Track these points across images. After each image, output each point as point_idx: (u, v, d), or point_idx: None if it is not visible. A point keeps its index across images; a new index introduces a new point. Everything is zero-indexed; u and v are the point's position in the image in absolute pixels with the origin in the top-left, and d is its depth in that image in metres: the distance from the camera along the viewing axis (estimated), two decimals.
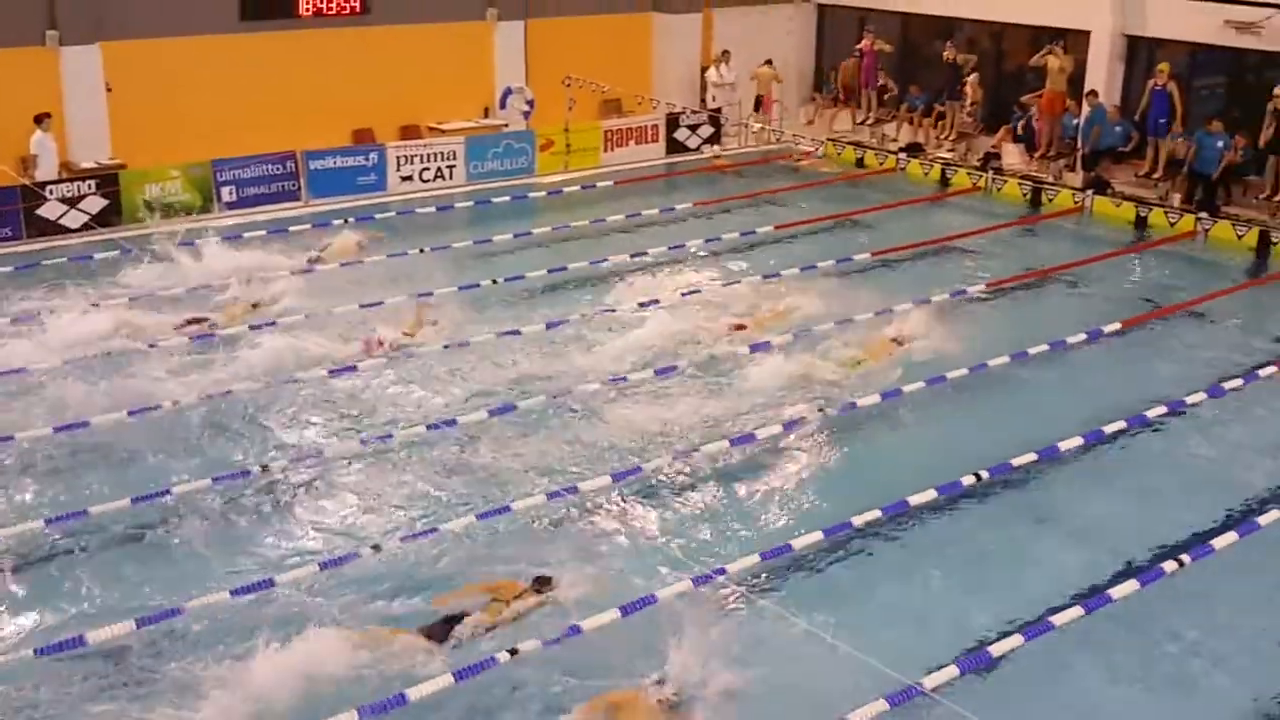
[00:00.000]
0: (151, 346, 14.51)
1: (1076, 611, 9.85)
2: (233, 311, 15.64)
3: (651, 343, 15.08)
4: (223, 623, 9.57)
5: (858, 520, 11.03)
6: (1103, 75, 22.98)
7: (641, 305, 16.29)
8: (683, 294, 16.85)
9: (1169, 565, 10.54)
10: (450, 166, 22.44)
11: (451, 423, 12.84)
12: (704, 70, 26.48)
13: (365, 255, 18.18)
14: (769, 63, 26.50)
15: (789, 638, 9.45)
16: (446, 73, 23.68)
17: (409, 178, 22.02)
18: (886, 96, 26.29)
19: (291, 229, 19.40)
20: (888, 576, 10.64)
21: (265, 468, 11.91)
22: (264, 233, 19.24)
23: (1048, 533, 11.43)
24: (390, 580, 10.18)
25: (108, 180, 19.41)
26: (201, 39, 21.35)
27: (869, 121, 26.49)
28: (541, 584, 9.84)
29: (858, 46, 26.45)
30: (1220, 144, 20.70)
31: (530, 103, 24.14)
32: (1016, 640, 9.45)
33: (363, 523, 11.20)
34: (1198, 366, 14.98)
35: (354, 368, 14.15)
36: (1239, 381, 14.40)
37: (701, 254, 19.04)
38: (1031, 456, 12.36)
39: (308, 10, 22.34)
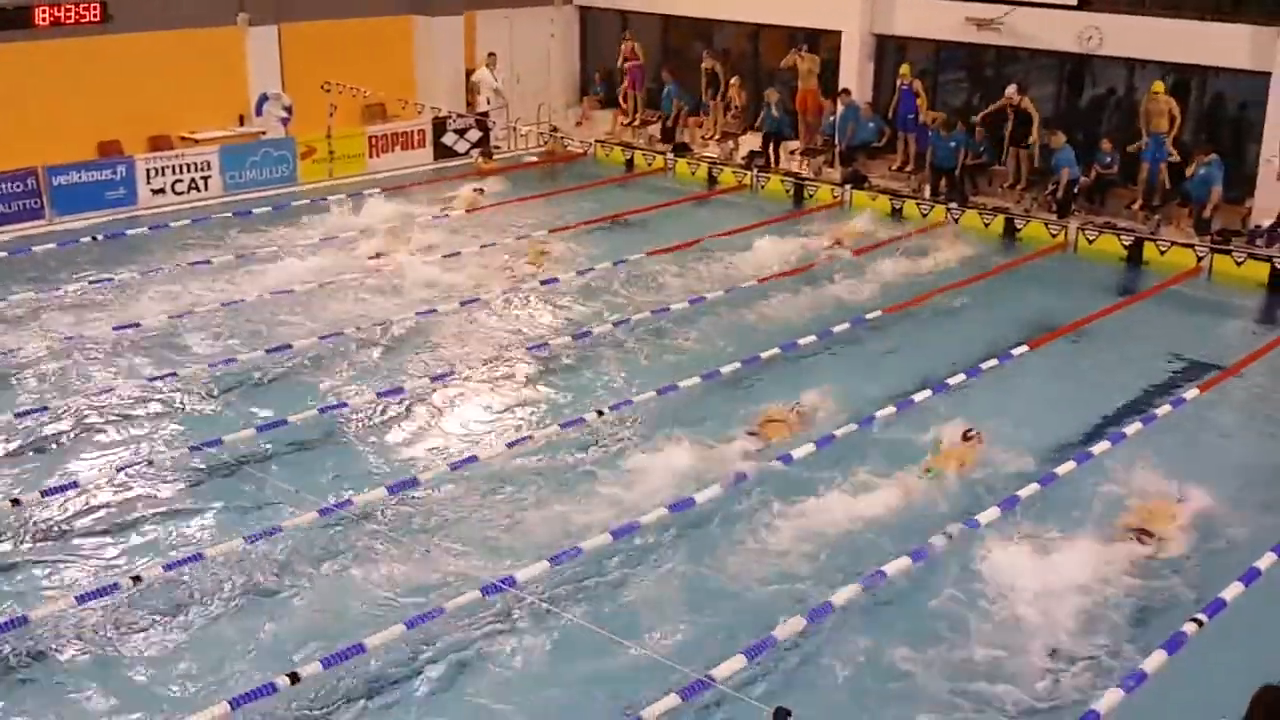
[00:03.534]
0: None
1: None
2: (404, 249, 18.71)
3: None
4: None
5: None
6: (854, 73, 23.78)
7: (419, 314, 16.33)
8: (461, 301, 16.81)
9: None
10: (205, 177, 21.57)
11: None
12: (469, 74, 26.22)
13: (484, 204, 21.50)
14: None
15: None
16: (196, 80, 22.70)
17: (161, 190, 21.07)
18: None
19: (35, 248, 18.49)
20: None
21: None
22: (4, 254, 18.22)
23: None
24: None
25: None
26: None
27: (635, 123, 26.74)
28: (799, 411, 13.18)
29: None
30: (953, 144, 21.69)
31: (288, 109, 23.37)
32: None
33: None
34: (954, 349, 15.58)
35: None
36: (994, 361, 15.09)
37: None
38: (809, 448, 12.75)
39: (44, 20, 21.02)
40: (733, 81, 25.19)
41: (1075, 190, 20.70)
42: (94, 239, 19.11)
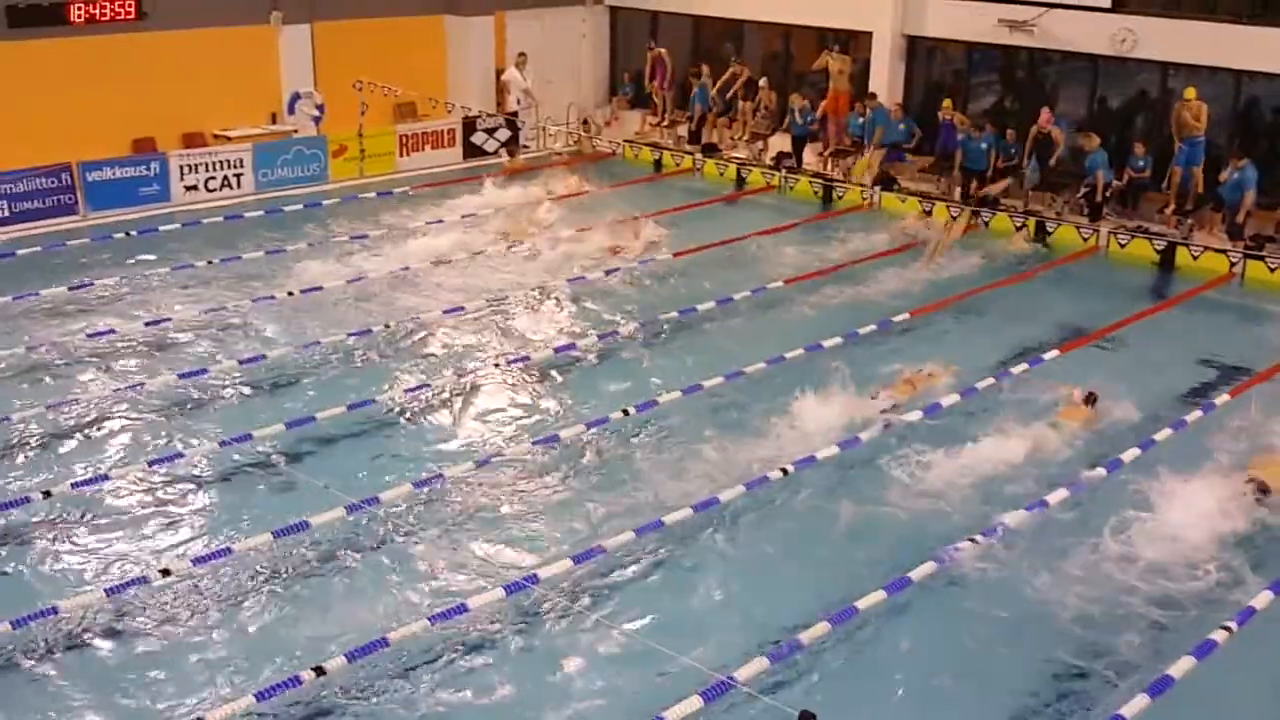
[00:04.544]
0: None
1: None
2: (534, 223, 20.20)
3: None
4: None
5: None
6: (885, 74, 23.70)
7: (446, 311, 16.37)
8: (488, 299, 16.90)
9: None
10: (238, 175, 21.71)
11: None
12: (499, 73, 26.30)
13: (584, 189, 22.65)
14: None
15: None
16: (230, 78, 22.88)
17: (194, 187, 21.22)
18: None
19: (69, 243, 18.68)
20: None
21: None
22: (39, 248, 18.41)
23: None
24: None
25: None
26: None
27: (665, 123, 26.76)
28: (933, 372, 14.32)
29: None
30: (984, 145, 21.59)
31: (320, 107, 23.51)
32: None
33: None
34: (985, 351, 15.53)
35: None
36: (1024, 365, 15.01)
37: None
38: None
39: (80, 17, 21.18)
40: (761, 83, 25.18)
41: (1107, 194, 20.57)
42: (127, 235, 19.29)
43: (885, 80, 23.63)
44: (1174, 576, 10.66)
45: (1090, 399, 13.56)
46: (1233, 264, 19.02)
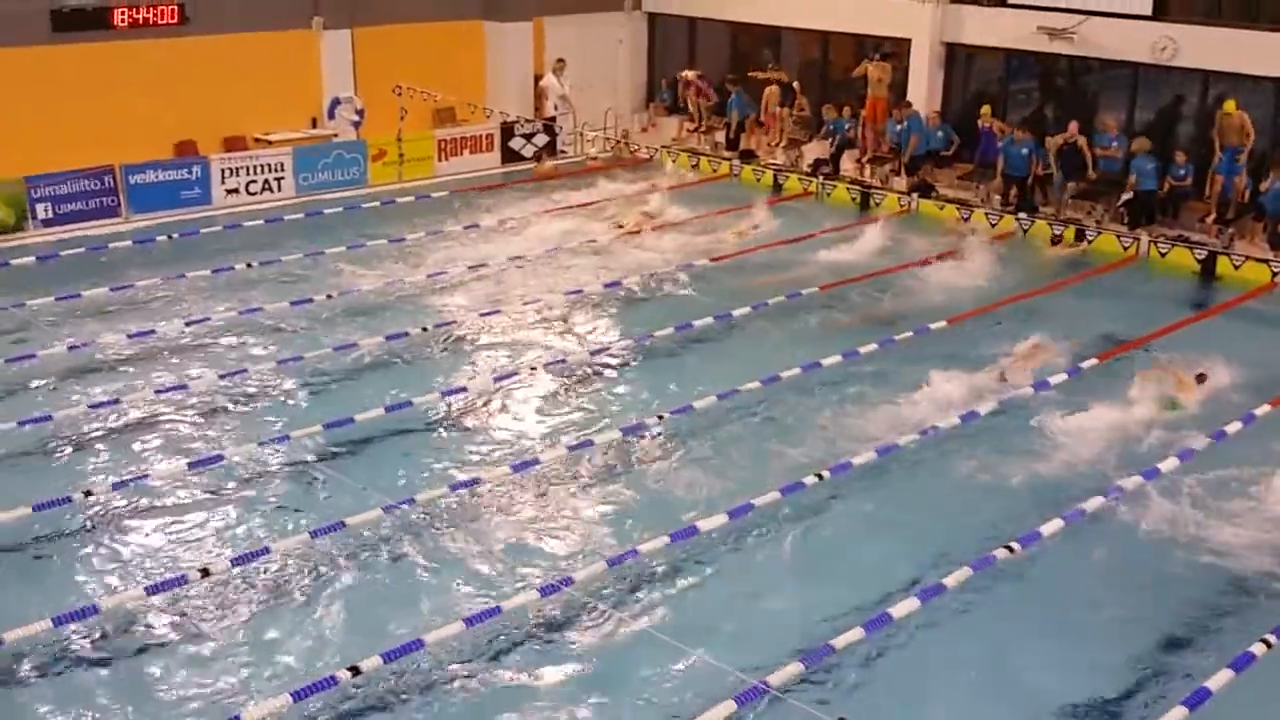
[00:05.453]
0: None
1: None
2: (645, 215, 21.20)
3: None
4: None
5: None
6: (924, 81, 23.64)
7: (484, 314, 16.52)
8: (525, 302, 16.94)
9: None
10: (278, 178, 21.90)
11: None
12: (538, 79, 26.40)
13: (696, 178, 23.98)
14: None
15: None
16: (271, 83, 23.07)
17: (235, 190, 21.43)
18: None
19: (111, 245, 18.89)
20: None
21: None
22: (82, 250, 18.63)
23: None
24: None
25: None
26: (13, 51, 20.26)
27: (702, 129, 26.78)
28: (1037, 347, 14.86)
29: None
30: (1025, 151, 21.46)
31: (360, 112, 23.68)
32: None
33: None
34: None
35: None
36: (1063, 376, 14.90)
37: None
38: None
39: (123, 21, 21.46)
40: (795, 85, 25.22)
41: (1143, 198, 20.40)
42: (169, 237, 19.50)
43: (924, 87, 23.57)
44: (1228, 587, 10.60)
45: (1200, 378, 14.08)
46: (1274, 274, 18.83)
